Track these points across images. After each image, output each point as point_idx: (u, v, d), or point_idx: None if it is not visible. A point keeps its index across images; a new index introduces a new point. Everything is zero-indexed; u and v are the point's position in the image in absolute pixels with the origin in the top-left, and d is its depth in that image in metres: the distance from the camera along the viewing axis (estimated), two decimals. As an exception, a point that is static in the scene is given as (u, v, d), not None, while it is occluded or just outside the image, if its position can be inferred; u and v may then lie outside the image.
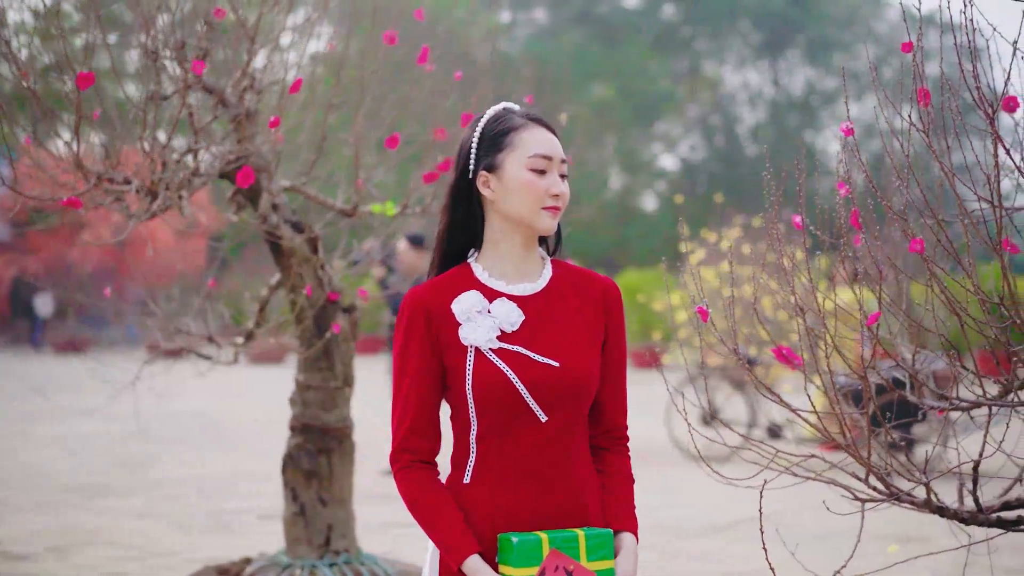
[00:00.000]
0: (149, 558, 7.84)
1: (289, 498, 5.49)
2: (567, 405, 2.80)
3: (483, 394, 2.75)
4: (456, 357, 2.78)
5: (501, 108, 2.90)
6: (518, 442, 2.78)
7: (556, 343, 2.81)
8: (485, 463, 2.80)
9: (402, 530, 8.92)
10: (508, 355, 2.77)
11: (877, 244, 3.55)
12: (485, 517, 2.78)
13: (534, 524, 2.77)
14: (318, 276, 5.34)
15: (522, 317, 2.81)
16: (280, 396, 6.67)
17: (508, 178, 2.80)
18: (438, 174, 5.26)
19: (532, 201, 2.79)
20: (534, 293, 2.86)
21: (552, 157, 2.81)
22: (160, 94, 4.79)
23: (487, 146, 2.83)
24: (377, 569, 5.46)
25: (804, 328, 3.33)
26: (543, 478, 2.79)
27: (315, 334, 5.40)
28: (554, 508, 2.79)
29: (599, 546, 2.71)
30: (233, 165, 4.98)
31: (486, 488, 2.79)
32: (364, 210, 5.56)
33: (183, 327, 5.70)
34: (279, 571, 5.36)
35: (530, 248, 2.88)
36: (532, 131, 2.83)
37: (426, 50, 5.11)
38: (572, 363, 2.80)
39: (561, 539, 2.69)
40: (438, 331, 2.79)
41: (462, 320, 2.79)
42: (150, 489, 10.62)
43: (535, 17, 49.62)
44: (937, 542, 8.07)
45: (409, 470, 2.81)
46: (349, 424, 5.54)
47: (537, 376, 2.77)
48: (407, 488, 2.80)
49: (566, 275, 2.93)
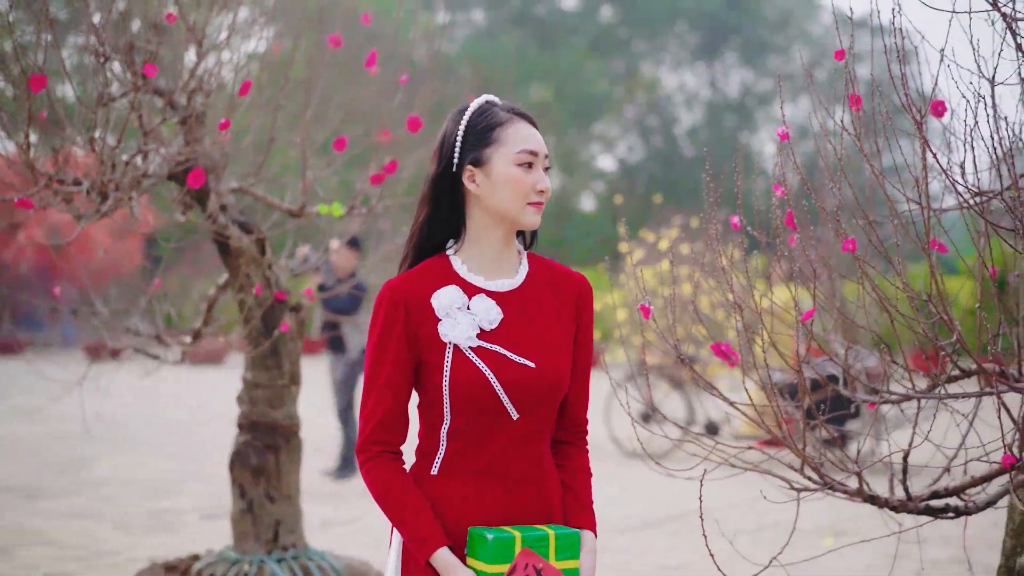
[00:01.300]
0: (92, 558, 7.85)
1: (237, 495, 5.55)
2: (539, 405, 2.82)
3: (460, 392, 2.76)
4: (433, 353, 2.78)
5: (484, 101, 2.89)
6: (489, 439, 2.79)
7: (532, 342, 2.83)
8: (454, 457, 2.81)
9: (346, 527, 9.00)
10: (486, 354, 2.78)
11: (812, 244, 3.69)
12: (452, 509, 2.79)
13: (501, 518, 2.80)
14: (266, 276, 5.41)
15: (500, 315, 2.82)
16: (221, 396, 6.72)
17: (495, 173, 2.80)
18: (384, 175, 5.35)
19: (519, 196, 2.80)
20: (511, 289, 2.87)
21: (538, 152, 2.83)
22: (108, 96, 4.83)
23: (473, 140, 2.82)
24: (325, 564, 5.54)
25: (740, 325, 3.46)
26: (511, 475, 2.81)
27: (263, 333, 5.47)
28: (521, 504, 2.82)
29: (567, 546, 2.75)
30: (182, 167, 5.03)
31: (454, 481, 2.80)
32: (311, 211, 5.64)
33: (131, 327, 5.74)
34: (227, 567, 5.42)
35: (509, 243, 2.89)
36: (518, 126, 2.83)
37: (374, 54, 5.19)
38: (547, 364, 2.82)
39: (533, 538, 2.71)
40: (416, 325, 2.79)
41: (441, 316, 2.79)
42: (91, 490, 10.59)
43: (473, 18, 49.69)
44: (872, 535, 8.27)
45: (378, 460, 2.80)
46: (296, 422, 5.61)
47: (513, 376, 2.78)
48: (375, 479, 2.79)
49: (542, 271, 2.94)
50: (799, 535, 8.21)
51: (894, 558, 4.05)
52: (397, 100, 5.58)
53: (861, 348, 4.09)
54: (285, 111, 5.76)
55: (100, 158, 4.70)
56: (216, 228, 5.25)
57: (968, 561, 3.77)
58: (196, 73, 4.98)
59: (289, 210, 5.62)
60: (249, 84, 4.92)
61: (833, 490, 3.45)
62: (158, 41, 4.82)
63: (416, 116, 5.19)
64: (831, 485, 3.43)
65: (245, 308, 5.42)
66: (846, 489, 3.44)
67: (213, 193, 5.22)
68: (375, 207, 5.72)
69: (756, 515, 9.13)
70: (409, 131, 5.17)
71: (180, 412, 17.12)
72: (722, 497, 9.51)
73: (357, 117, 6.26)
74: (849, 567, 7.68)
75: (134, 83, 4.68)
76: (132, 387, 18.87)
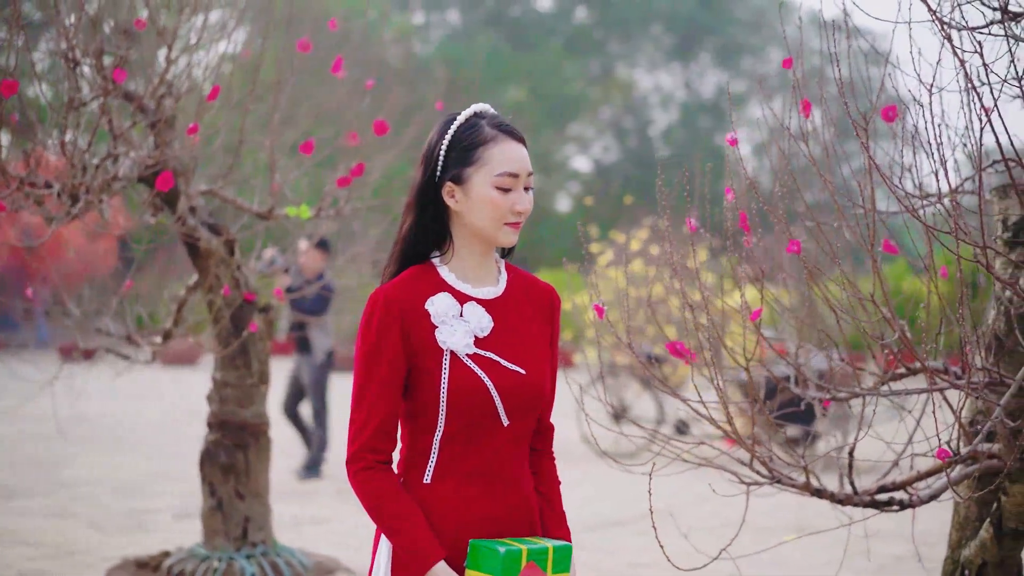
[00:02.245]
0: (66, 556, 7.91)
1: (207, 492, 5.64)
2: (527, 411, 2.85)
3: (458, 399, 2.75)
4: (428, 359, 2.77)
5: (472, 114, 2.85)
6: (481, 446, 2.79)
7: (520, 349, 2.85)
8: (446, 465, 2.79)
9: (318, 527, 9.08)
10: (482, 361, 2.79)
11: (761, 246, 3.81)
12: (445, 517, 2.78)
13: (491, 525, 2.80)
14: (235, 277, 5.51)
15: (492, 323, 2.83)
16: (194, 397, 6.80)
17: (473, 194, 2.78)
18: (351, 179, 5.45)
19: (495, 218, 2.79)
20: (496, 297, 2.89)
21: (519, 175, 2.80)
22: (79, 100, 4.91)
23: (455, 157, 2.81)
24: (293, 560, 5.63)
25: (694, 322, 3.57)
26: (500, 480, 2.82)
27: (232, 333, 5.56)
28: (508, 509, 2.83)
29: (562, 559, 2.77)
30: (152, 170, 5.12)
31: (447, 488, 2.79)
32: (279, 213, 5.73)
33: (103, 327, 5.82)
34: (197, 563, 5.51)
35: (489, 253, 2.89)
36: (502, 146, 2.80)
37: (340, 60, 5.29)
38: (534, 370, 2.85)
39: (536, 551, 2.72)
40: (410, 331, 2.77)
41: (437, 323, 2.78)
42: (64, 489, 10.64)
43: (448, 19, 49.79)
44: (832, 533, 8.42)
45: (372, 471, 2.76)
46: (265, 420, 5.70)
47: (507, 383, 2.79)
48: (369, 490, 2.75)
49: (518, 279, 2.96)
50: (764, 532, 8.36)
51: (844, 551, 4.15)
52: (365, 103, 5.67)
53: (812, 347, 4.21)
54: (254, 114, 5.84)
55: (71, 161, 4.78)
56: (186, 230, 5.33)
57: (917, 553, 3.89)
58: (165, 78, 5.06)
59: (258, 212, 5.71)
60: (218, 89, 5.01)
61: (781, 483, 3.56)
62: (128, 46, 4.90)
63: (382, 120, 5.28)
64: (779, 479, 3.55)
65: (214, 308, 5.51)
66: (793, 483, 3.56)
67: (183, 196, 5.30)
68: (343, 209, 5.82)
69: (723, 512, 9.25)
70: (376, 135, 5.26)
71: (154, 412, 17.16)
72: (690, 495, 9.64)
73: (326, 119, 6.35)
74: (811, 563, 7.81)
75: (104, 87, 4.76)
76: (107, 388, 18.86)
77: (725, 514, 9.20)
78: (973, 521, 3.90)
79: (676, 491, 9.34)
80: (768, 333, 6.25)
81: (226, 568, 5.45)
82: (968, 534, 3.89)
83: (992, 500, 3.78)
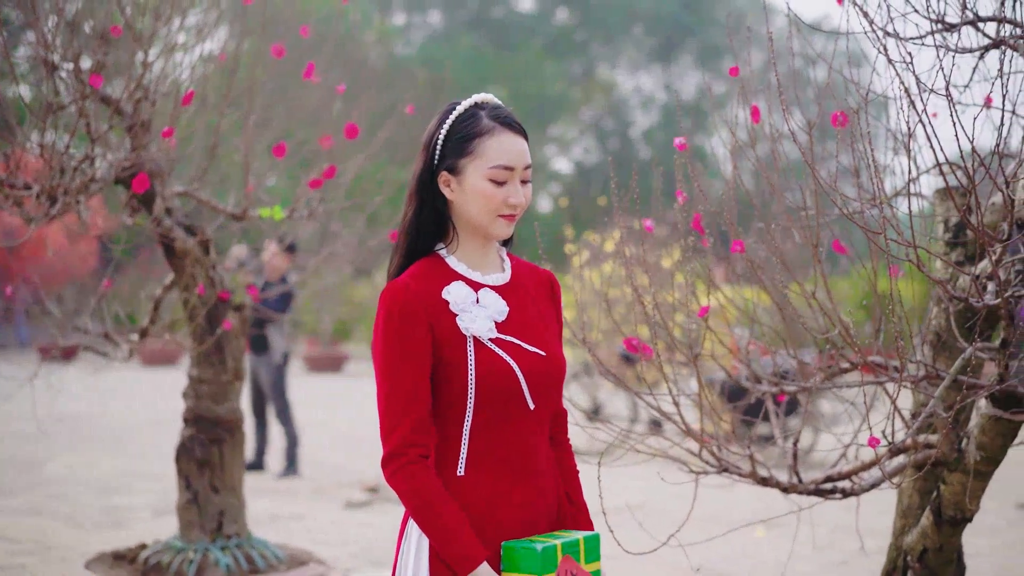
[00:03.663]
0: (44, 552, 8.03)
1: (183, 486, 5.78)
2: (551, 393, 2.85)
3: (487, 384, 2.74)
4: (454, 349, 2.74)
5: (472, 104, 2.83)
6: (510, 432, 2.78)
7: (536, 332, 2.85)
8: (478, 455, 2.77)
9: (292, 522, 9.22)
10: (505, 345, 2.78)
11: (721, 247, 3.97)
12: (482, 508, 2.75)
13: (526, 514, 2.79)
14: (210, 276, 5.65)
15: (507, 307, 2.83)
16: (174, 397, 6.92)
17: (467, 185, 2.78)
18: (322, 180, 5.60)
19: (488, 210, 2.78)
20: (505, 283, 2.89)
21: (514, 168, 2.78)
22: (58, 104, 5.04)
23: (452, 147, 2.80)
24: (267, 552, 5.78)
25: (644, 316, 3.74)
26: (530, 467, 2.81)
27: (207, 331, 5.71)
28: (539, 494, 2.83)
29: (592, 549, 2.79)
30: (128, 172, 5.26)
31: (483, 479, 2.76)
32: (253, 214, 5.88)
33: (81, 325, 5.96)
34: (173, 555, 5.65)
35: (490, 243, 2.90)
36: (499, 138, 2.78)
37: (311, 66, 5.44)
38: (553, 352, 2.85)
39: (568, 544, 2.73)
40: (433, 322, 2.74)
41: (457, 311, 2.77)
42: (44, 487, 10.76)
43: (430, 20, 49.93)
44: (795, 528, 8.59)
45: (416, 466, 2.71)
46: (239, 415, 5.85)
47: (530, 365, 2.79)
48: (411, 488, 2.70)
49: (519, 267, 2.97)
50: (733, 526, 8.52)
51: (793, 539, 4.32)
52: (336, 109, 5.82)
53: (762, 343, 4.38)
54: (231, 116, 5.98)
55: (49, 163, 4.92)
56: (162, 230, 5.48)
57: (861, 541, 4.06)
58: (142, 83, 5.20)
59: (232, 213, 5.86)
60: (192, 94, 5.15)
61: (728, 472, 3.73)
62: (105, 51, 5.03)
63: (353, 124, 5.43)
64: (726, 468, 3.72)
65: (189, 306, 5.65)
66: (740, 471, 3.73)
67: (159, 197, 5.45)
68: (315, 211, 5.97)
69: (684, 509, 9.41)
70: (347, 138, 5.41)
71: (134, 413, 17.26)
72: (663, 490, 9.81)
73: (303, 122, 6.50)
74: (776, 556, 7.99)
75: (81, 91, 4.90)
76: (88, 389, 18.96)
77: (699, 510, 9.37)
78: (915, 510, 4.08)
79: (640, 489, 9.50)
80: (742, 333, 6.43)
81: (201, 559, 5.60)
82: (911, 522, 4.07)
83: (933, 489, 3.97)
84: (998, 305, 3.33)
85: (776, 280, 3.89)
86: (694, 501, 3.89)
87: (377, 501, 10.25)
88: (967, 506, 3.74)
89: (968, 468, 3.68)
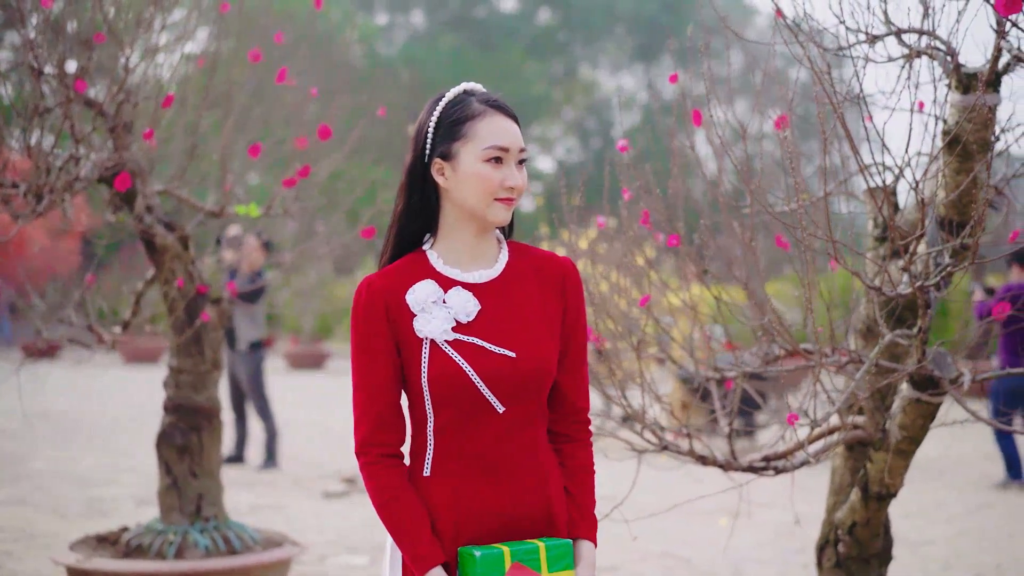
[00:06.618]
0: (28, 539, 8.28)
1: (163, 472, 6.05)
2: (525, 395, 2.74)
3: (439, 387, 2.70)
4: (411, 349, 2.72)
5: (460, 91, 2.79)
6: (477, 434, 2.72)
7: (512, 332, 2.75)
8: (444, 455, 2.74)
9: (271, 512, 9.49)
10: (463, 347, 2.71)
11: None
12: (448, 510, 2.72)
13: (497, 515, 2.73)
14: (189, 271, 5.93)
15: (478, 307, 2.75)
16: (157, 393, 7.17)
17: (462, 169, 2.72)
18: (296, 180, 5.87)
19: (485, 193, 2.72)
20: (490, 280, 2.80)
21: (509, 148, 2.74)
22: (43, 106, 5.29)
23: (443, 133, 2.74)
24: (244, 534, 6.06)
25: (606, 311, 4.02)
26: (504, 470, 2.74)
27: (186, 323, 5.98)
28: (517, 498, 2.75)
29: (560, 556, 2.69)
30: (111, 171, 5.52)
31: (447, 481, 2.73)
32: (230, 211, 6.16)
33: (64, 318, 6.21)
34: (154, 536, 5.92)
35: (485, 234, 2.82)
36: (491, 120, 2.73)
37: (284, 71, 5.70)
38: (528, 352, 2.74)
39: (523, 552, 2.66)
40: (395, 322, 2.73)
41: (416, 311, 2.72)
42: (28, 480, 10.99)
43: (412, 21, 50.17)
44: (762, 515, 8.90)
45: (378, 466, 2.73)
46: (217, 404, 6.13)
47: (493, 367, 2.70)
48: (376, 486, 2.72)
49: (524, 258, 2.86)
50: (700, 514, 8.81)
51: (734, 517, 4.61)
52: (309, 110, 6.08)
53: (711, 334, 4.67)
54: (210, 116, 6.24)
55: (36, 163, 5.17)
56: (143, 227, 5.74)
57: (796, 516, 4.35)
58: (124, 87, 5.45)
59: (211, 211, 6.13)
60: (172, 98, 5.41)
61: (667, 450, 4.02)
62: (88, 56, 5.29)
63: (326, 125, 5.70)
64: (666, 445, 4.01)
65: (169, 300, 5.92)
66: (679, 450, 4.02)
67: (140, 195, 5.71)
68: (290, 208, 6.24)
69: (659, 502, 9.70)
70: (320, 139, 5.68)
71: (117, 408, 17.48)
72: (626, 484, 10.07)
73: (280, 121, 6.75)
74: (750, 544, 8.28)
75: (66, 95, 5.15)
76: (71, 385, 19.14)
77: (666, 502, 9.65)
78: (847, 487, 4.38)
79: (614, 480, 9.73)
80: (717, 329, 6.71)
81: (181, 541, 5.86)
82: (842, 499, 4.36)
83: (861, 467, 4.26)
84: (913, 294, 3.62)
85: (715, 278, 4.19)
86: (636, 476, 4.17)
87: (354, 492, 10.52)
88: (890, 482, 4.03)
89: (891, 447, 3.97)
